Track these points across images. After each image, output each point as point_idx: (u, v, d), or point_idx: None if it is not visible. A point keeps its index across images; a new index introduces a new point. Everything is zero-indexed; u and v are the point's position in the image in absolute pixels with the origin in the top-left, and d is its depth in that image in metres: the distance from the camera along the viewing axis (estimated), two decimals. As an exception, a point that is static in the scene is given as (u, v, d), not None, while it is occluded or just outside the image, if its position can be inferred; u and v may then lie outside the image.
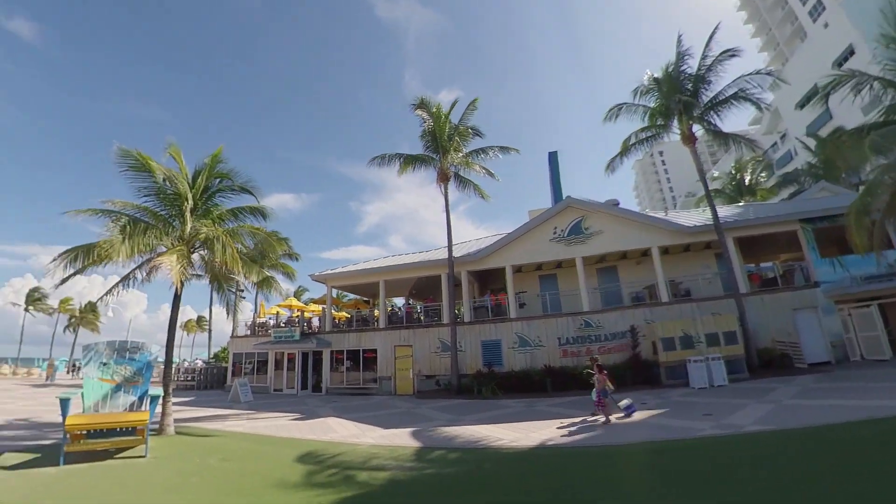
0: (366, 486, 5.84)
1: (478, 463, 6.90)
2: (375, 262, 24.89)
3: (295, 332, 22.49)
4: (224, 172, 12.09)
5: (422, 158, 19.58)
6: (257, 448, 8.59)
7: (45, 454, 7.83)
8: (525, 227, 19.82)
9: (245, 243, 12.46)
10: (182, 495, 5.61)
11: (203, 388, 27.16)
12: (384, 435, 9.61)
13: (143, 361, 9.27)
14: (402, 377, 19.62)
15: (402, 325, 21.12)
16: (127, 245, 9.82)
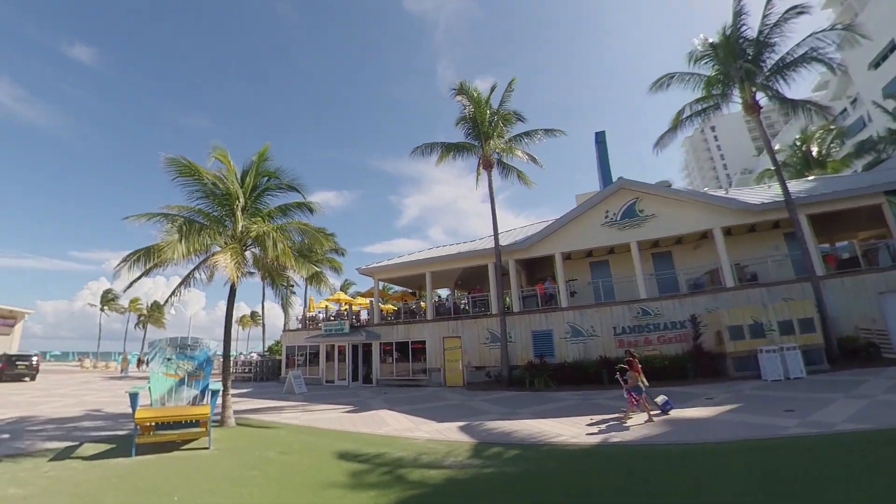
0: (424, 484, 5.63)
1: (540, 461, 6.53)
2: (420, 253, 24.86)
3: (344, 325, 22.90)
4: (271, 171, 12.24)
5: (463, 146, 19.19)
6: (314, 441, 8.63)
7: (120, 445, 8.23)
8: (575, 211, 18.97)
9: (294, 239, 12.61)
10: (245, 488, 5.62)
11: (259, 379, 28.37)
12: (438, 429, 9.42)
13: (203, 357, 9.61)
14: (451, 368, 19.49)
15: (449, 317, 20.93)
16: (183, 245, 10.12)
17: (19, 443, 8.62)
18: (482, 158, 18.79)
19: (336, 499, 5.18)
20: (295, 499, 5.21)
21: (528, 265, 22.47)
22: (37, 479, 6.20)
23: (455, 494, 5.26)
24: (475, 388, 17.10)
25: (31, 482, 6.03)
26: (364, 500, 5.12)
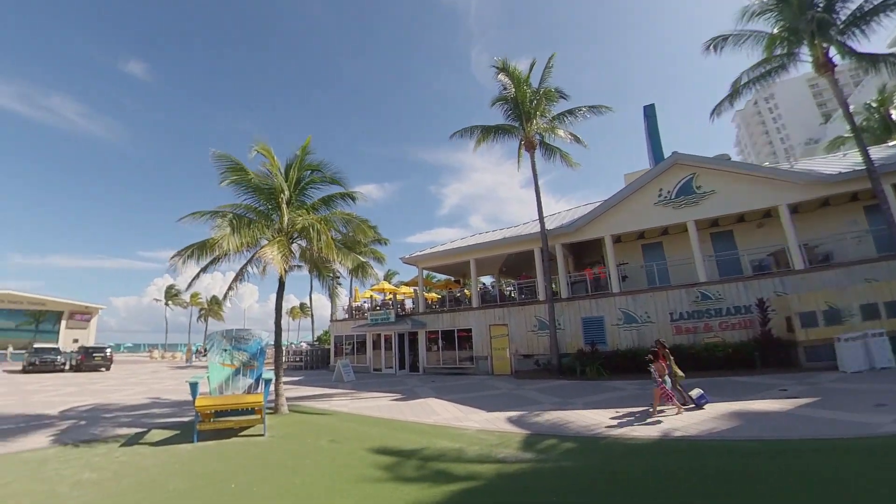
0: (478, 478, 5.40)
1: (600, 455, 6.15)
2: (464, 241, 24.60)
3: (389, 314, 23.13)
4: (314, 164, 12.35)
5: (503, 128, 18.51)
6: (364, 429, 8.64)
7: (183, 431, 8.58)
8: (625, 191, 17.98)
9: (339, 229, 12.70)
10: (298, 477, 5.63)
11: (310, 367, 29.35)
12: (488, 419, 9.19)
13: (256, 347, 9.91)
14: (498, 357, 19.22)
15: (495, 304, 20.58)
16: (235, 237, 10.40)
17: (94, 429, 9.20)
18: (524, 139, 18.08)
19: (389, 490, 5.05)
20: (348, 489, 5.13)
21: (575, 249, 21.66)
22: (109, 463, 6.52)
23: (512, 491, 4.98)
24: (523, 376, 16.75)
25: (104, 467, 6.35)
26: (416, 491, 4.96)
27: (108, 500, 4.96)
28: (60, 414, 11.21)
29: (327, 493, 5.00)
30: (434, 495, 4.87)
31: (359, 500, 4.80)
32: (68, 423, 9.98)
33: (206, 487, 5.35)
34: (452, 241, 26.29)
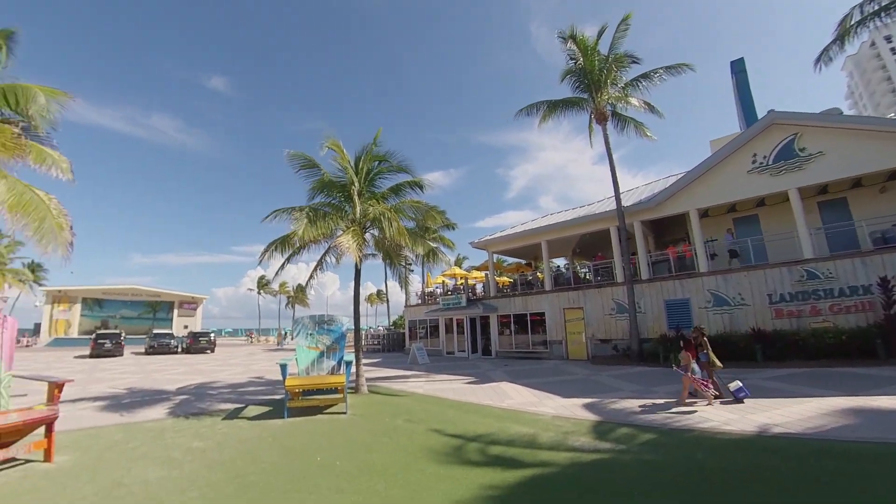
0: (552, 464, 5.25)
1: (686, 450, 5.68)
2: (534, 222, 24.02)
3: (461, 298, 23.32)
4: (381, 155, 12.62)
5: (571, 101, 17.41)
6: (438, 411, 8.80)
7: (275, 408, 9.32)
8: (712, 159, 16.28)
9: (408, 216, 12.93)
10: (376, 454, 5.85)
11: (386, 350, 30.63)
12: (564, 405, 8.93)
13: (338, 332, 10.45)
14: (573, 341, 18.65)
15: (569, 287, 19.90)
16: (311, 229, 10.99)
17: (201, 404, 10.31)
18: (594, 111, 16.93)
19: (462, 471, 5.08)
20: (422, 467, 5.24)
21: (656, 226, 20.22)
22: (213, 434, 7.26)
23: (589, 481, 4.77)
24: (601, 362, 16.09)
25: (209, 437, 7.08)
26: (489, 474, 4.94)
27: (214, 467, 5.51)
28: (175, 390, 12.73)
29: (403, 471, 5.14)
30: (507, 479, 4.82)
31: (432, 478, 4.88)
32: (181, 398, 11.29)
33: (296, 460, 5.75)
34: (523, 223, 25.78)
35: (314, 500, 4.34)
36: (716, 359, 8.66)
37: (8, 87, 6.69)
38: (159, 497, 4.57)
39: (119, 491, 4.78)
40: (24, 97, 6.65)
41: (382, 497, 4.38)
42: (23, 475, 5.38)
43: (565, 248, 25.58)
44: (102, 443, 6.84)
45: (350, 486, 4.68)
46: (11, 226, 6.33)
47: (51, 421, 5.92)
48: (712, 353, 8.67)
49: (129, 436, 7.31)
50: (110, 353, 28.06)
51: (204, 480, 5.03)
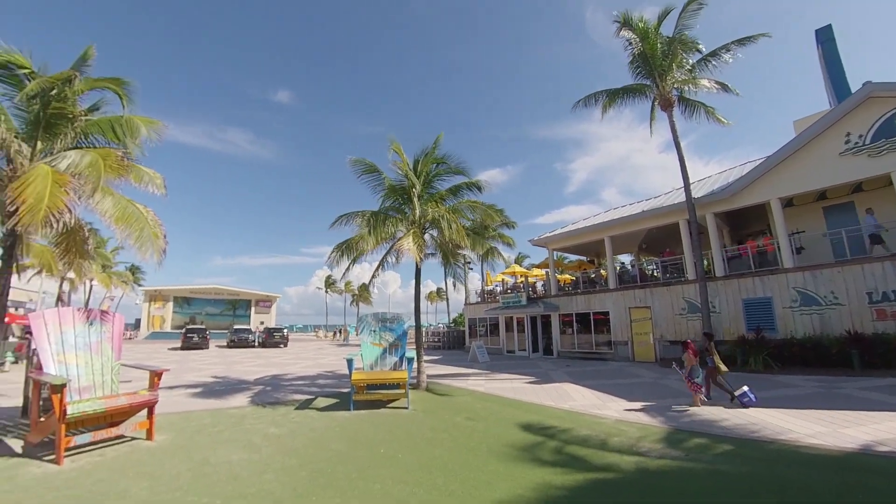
0: (615, 469, 5.09)
1: (767, 462, 5.26)
2: (596, 218, 23.17)
3: (521, 297, 23.05)
4: (439, 157, 12.80)
5: (632, 89, 16.49)
6: (498, 410, 8.80)
7: (342, 400, 9.80)
8: (797, 141, 14.65)
9: (467, 216, 13.03)
10: (437, 449, 5.99)
11: (446, 348, 30.97)
12: (629, 408, 8.58)
13: (400, 329, 10.79)
14: (640, 342, 17.81)
15: (635, 285, 18.96)
16: (372, 237, 11.47)
17: (277, 394, 11.08)
18: (658, 98, 15.88)
19: (522, 470, 5.07)
20: (482, 465, 5.29)
21: (731, 219, 18.72)
22: (287, 422, 7.80)
23: (656, 489, 4.58)
24: (670, 364, 15.17)
25: (283, 425, 7.62)
26: (549, 475, 4.89)
27: (288, 452, 5.93)
28: (253, 380, 13.78)
29: (463, 467, 5.22)
30: (567, 480, 4.75)
31: (492, 476, 4.91)
32: (259, 387, 12.20)
33: (361, 450, 6.04)
34: (584, 218, 24.94)
35: (378, 489, 4.55)
36: (721, 364, 8.97)
37: (115, 119, 7.73)
38: (241, 477, 5.01)
39: (207, 469, 5.29)
40: (128, 128, 7.69)
41: (442, 491, 4.49)
42: (130, 450, 6.12)
43: (630, 244, 24.43)
44: (193, 425, 7.60)
45: (411, 478, 4.85)
46: (117, 235, 7.21)
47: (152, 404, 6.68)
48: (718, 358, 9.06)
49: (216, 420, 8.05)
50: (198, 345, 30.88)
51: (279, 464, 5.44)
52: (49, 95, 6.88)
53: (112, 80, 7.48)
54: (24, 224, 5.65)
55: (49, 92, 6.83)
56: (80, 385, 6.39)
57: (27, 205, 5.49)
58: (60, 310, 6.82)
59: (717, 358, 9.04)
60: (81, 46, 7.38)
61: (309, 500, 4.32)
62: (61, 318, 6.70)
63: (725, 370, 8.98)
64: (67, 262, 8.68)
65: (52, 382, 5.62)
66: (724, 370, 8.93)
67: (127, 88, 7.61)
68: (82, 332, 6.81)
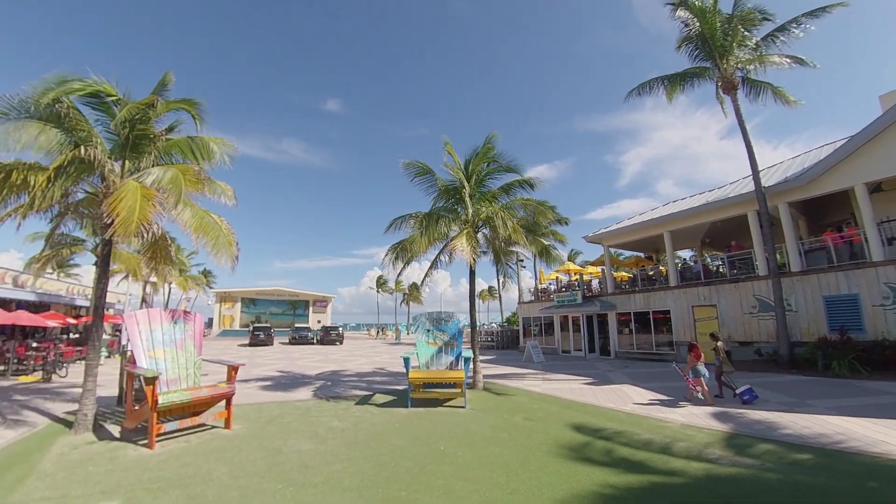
0: (681, 474, 4.90)
1: (853, 477, 4.82)
2: (654, 212, 22.15)
3: (576, 295, 22.51)
4: (491, 156, 12.79)
5: (690, 73, 15.49)
6: (556, 410, 8.69)
7: (399, 397, 10.08)
8: (886, 118, 13.03)
9: (518, 214, 12.93)
10: (496, 448, 6.03)
11: (500, 348, 30.79)
12: (695, 413, 8.18)
13: (455, 329, 10.88)
14: (705, 343, 16.81)
15: (699, 282, 17.89)
16: (424, 238, 11.67)
17: (337, 389, 11.59)
18: (720, 81, 14.82)
19: (582, 472, 5.01)
20: (541, 464, 5.27)
21: (808, 208, 17.15)
22: (348, 416, 8.15)
23: (728, 498, 4.35)
24: (739, 367, 14.22)
25: (345, 418, 7.98)
26: (610, 476, 4.80)
27: (352, 445, 6.21)
28: (315, 375, 14.48)
29: (522, 466, 5.23)
30: (632, 482, 4.64)
31: (552, 475, 4.89)
32: (320, 382, 12.81)
33: (421, 446, 6.20)
34: (641, 212, 23.91)
35: (441, 485, 4.67)
36: (727, 364, 9.94)
37: (191, 139, 8.52)
38: (310, 466, 5.31)
39: (279, 457, 5.66)
40: (203, 149, 8.48)
41: (504, 489, 4.53)
42: (211, 437, 6.67)
43: (692, 239, 23.13)
44: (265, 416, 8.15)
45: (473, 476, 4.92)
46: (195, 243, 7.87)
47: (229, 396, 7.24)
48: (725, 357, 10.01)
49: (284, 411, 8.58)
50: (263, 342, 32.88)
51: (345, 456, 5.71)
52: (134, 119, 7.61)
53: (186, 102, 8.19)
54: (119, 235, 6.29)
55: (134, 116, 7.56)
56: (167, 378, 7.05)
57: (121, 217, 6.10)
58: (150, 310, 7.55)
59: (724, 357, 10.05)
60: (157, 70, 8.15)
61: (375, 491, 4.51)
62: (151, 318, 7.41)
63: (731, 370, 9.98)
64: (153, 268, 9.56)
65: (146, 375, 6.25)
66: (728, 370, 9.90)
67: (198, 108, 8.31)
68: (168, 330, 7.49)
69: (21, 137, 6.69)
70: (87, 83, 7.26)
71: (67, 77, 7.05)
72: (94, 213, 8.22)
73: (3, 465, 5.43)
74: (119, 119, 7.36)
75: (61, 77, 6.99)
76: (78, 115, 7.48)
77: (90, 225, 10.49)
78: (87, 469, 5.27)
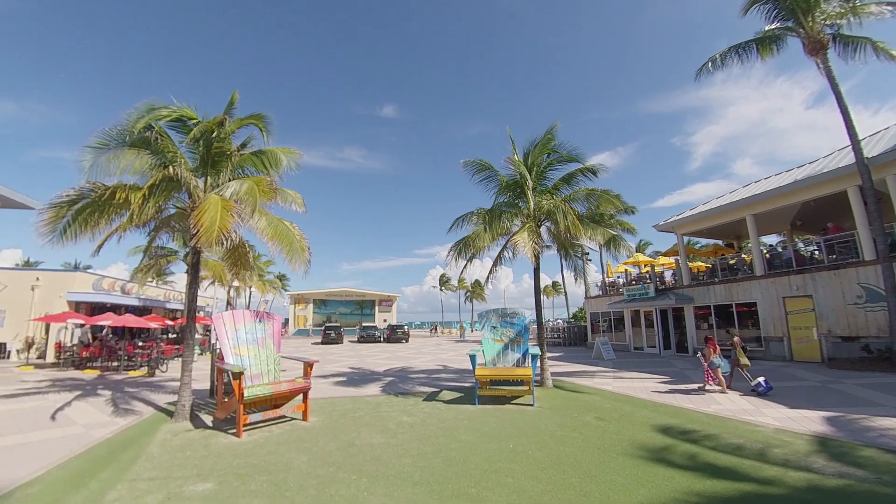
0: (778, 484, 4.44)
1: None
2: (733, 194, 20.31)
3: (648, 288, 21.35)
4: (551, 148, 12.44)
5: (768, 38, 13.70)
6: (631, 411, 8.27)
7: (466, 394, 10.13)
8: None
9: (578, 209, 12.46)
10: (568, 448, 5.85)
11: (567, 344, 29.95)
12: (791, 416, 7.41)
13: (521, 325, 10.70)
14: (799, 338, 15.24)
15: (790, 270, 16.14)
16: (487, 234, 11.62)
17: (404, 385, 11.87)
18: (806, 41, 13.19)
19: (662, 476, 4.71)
20: (618, 467, 5.03)
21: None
22: (417, 412, 8.31)
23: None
24: (842, 366, 12.77)
25: (414, 414, 8.14)
26: (694, 482, 4.47)
27: (421, 440, 6.32)
28: (383, 372, 14.95)
29: (598, 468, 5.02)
30: (716, 490, 4.29)
31: (628, 479, 4.65)
32: (388, 379, 13.20)
33: (490, 443, 6.17)
34: (718, 196, 22.02)
35: (511, 483, 4.60)
36: (743, 358, 10.42)
37: (264, 152, 9.19)
38: (382, 459, 5.48)
39: (353, 449, 5.90)
40: (273, 159, 9.15)
41: (577, 491, 4.38)
42: (290, 429, 7.10)
43: (779, 222, 20.96)
44: (338, 410, 8.54)
45: (544, 476, 4.80)
46: (271, 249, 8.44)
47: (306, 390, 7.68)
48: (741, 352, 10.51)
49: (356, 406, 8.94)
50: (334, 341, 34.61)
51: (415, 450, 5.82)
52: (210, 138, 8.31)
53: (254, 117, 8.86)
54: (202, 243, 6.90)
55: (210, 134, 8.24)
56: (251, 373, 7.60)
57: (204, 227, 6.71)
58: (234, 312, 8.19)
59: (741, 352, 10.53)
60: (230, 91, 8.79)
61: (445, 486, 4.55)
62: (235, 319, 8.03)
63: (747, 364, 10.37)
64: (235, 273, 10.36)
65: (233, 370, 6.79)
66: (744, 363, 10.33)
67: (265, 122, 8.94)
68: (251, 330, 8.08)
69: (120, 163, 7.56)
70: (172, 109, 8.04)
71: (155, 105, 7.86)
72: (183, 226, 9.06)
73: (118, 447, 6.15)
74: (190, 137, 8.10)
75: (150, 105, 7.81)
76: (166, 138, 8.28)
77: (181, 237, 11.65)
78: (186, 454, 5.82)
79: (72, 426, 7.47)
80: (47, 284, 20.54)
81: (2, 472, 5.18)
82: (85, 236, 7.85)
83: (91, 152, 7.46)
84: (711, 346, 10.39)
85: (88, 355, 17.08)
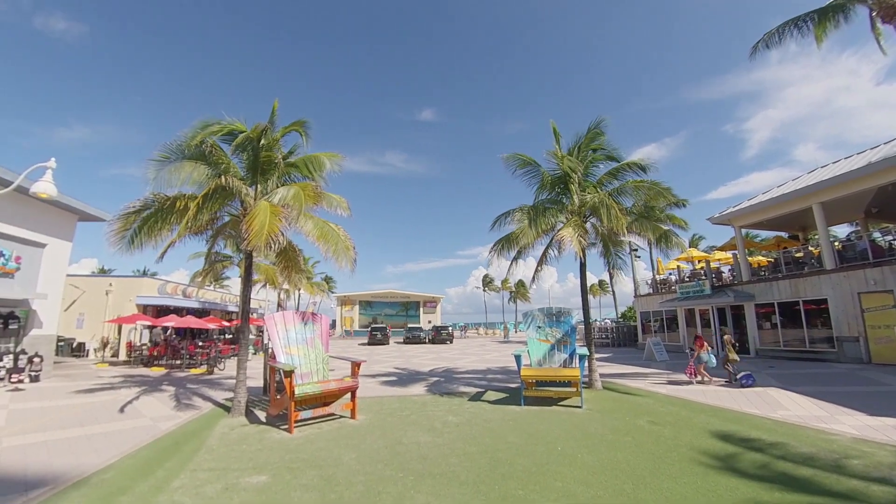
0: (859, 498, 4.04)
1: None
2: (797, 181, 18.80)
3: (703, 285, 20.23)
4: (597, 143, 12.08)
5: (831, 8, 12.36)
6: (686, 415, 7.84)
7: (511, 395, 10.00)
8: None
9: (626, 203, 12.01)
10: (620, 453, 5.62)
11: (616, 345, 28.95)
12: (871, 425, 6.75)
13: (568, 325, 10.42)
14: (878, 338, 13.89)
15: (865, 263, 14.75)
16: (533, 229, 11.42)
17: (450, 385, 11.88)
18: (877, 8, 11.72)
19: (724, 485, 4.42)
20: (674, 474, 4.77)
21: None
22: (462, 412, 8.29)
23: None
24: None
25: (460, 413, 8.13)
26: (762, 492, 4.18)
27: (467, 440, 6.29)
28: (428, 372, 15.04)
29: (652, 475, 4.79)
30: (786, 501, 3.95)
31: (687, 488, 4.39)
32: (434, 379, 13.27)
33: (537, 445, 6.04)
34: (779, 184, 20.42)
35: (559, 487, 4.47)
36: (733, 355, 11.46)
37: (308, 157, 9.63)
38: (429, 457, 5.49)
39: (400, 448, 5.96)
40: (316, 163, 9.57)
41: (630, 498, 4.19)
42: (339, 426, 7.29)
43: (852, 210, 19.20)
44: (386, 409, 8.67)
45: (595, 481, 4.63)
46: (319, 248, 8.74)
47: (354, 389, 7.86)
48: (730, 349, 11.61)
49: (402, 405, 9.04)
50: (380, 341, 35.25)
51: (461, 450, 5.80)
52: (258, 147, 8.72)
53: (296, 124, 9.33)
54: (251, 245, 7.27)
55: (257, 143, 8.65)
56: (301, 371, 7.86)
57: (254, 232, 7.09)
58: (285, 313, 8.53)
59: (730, 348, 11.66)
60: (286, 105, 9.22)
61: (491, 487, 4.49)
62: (286, 320, 8.36)
63: (736, 360, 11.44)
64: (286, 276, 10.77)
65: (284, 369, 7.06)
66: (733, 359, 11.38)
67: (305, 127, 9.32)
68: (301, 330, 8.37)
69: (180, 175, 8.19)
70: (224, 124, 8.55)
71: (209, 121, 8.42)
72: (236, 233, 9.55)
73: (181, 440, 6.55)
74: (234, 146, 8.66)
75: (204, 122, 8.38)
76: (219, 150, 8.80)
77: (234, 244, 12.31)
78: (242, 447, 6.10)
79: (141, 418, 8.04)
80: (119, 289, 22.28)
81: (82, 458, 5.65)
82: (149, 244, 8.46)
83: (155, 165, 8.10)
84: (699, 343, 11.83)
85: (156, 354, 18.38)
